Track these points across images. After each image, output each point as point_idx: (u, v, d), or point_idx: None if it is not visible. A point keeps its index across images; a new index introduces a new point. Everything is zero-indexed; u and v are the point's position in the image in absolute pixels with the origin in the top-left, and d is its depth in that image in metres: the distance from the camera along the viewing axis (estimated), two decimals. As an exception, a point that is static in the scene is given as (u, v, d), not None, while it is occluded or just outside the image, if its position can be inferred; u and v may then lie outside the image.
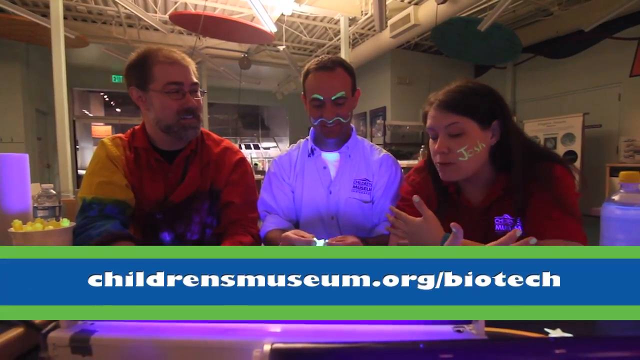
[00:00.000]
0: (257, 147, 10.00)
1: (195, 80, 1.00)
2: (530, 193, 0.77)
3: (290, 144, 1.20)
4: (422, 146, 5.15)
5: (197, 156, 1.05)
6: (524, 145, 0.81)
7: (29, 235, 0.75)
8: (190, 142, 1.05)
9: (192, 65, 1.01)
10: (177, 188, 1.02)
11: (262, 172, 5.58)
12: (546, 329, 0.56)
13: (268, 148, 10.30)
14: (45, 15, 4.00)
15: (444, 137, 0.81)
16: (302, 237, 0.81)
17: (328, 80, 1.02)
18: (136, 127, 1.08)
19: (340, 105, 1.03)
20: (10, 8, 3.81)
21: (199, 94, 1.03)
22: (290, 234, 0.82)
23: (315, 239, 0.79)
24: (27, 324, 0.50)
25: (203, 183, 1.04)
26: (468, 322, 0.47)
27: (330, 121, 1.03)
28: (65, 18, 3.94)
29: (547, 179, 0.77)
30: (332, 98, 1.01)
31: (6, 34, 4.64)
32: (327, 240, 0.80)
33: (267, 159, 8.97)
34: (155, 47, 0.99)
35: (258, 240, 1.05)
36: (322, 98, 1.02)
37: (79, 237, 0.86)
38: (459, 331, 0.47)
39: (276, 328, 0.47)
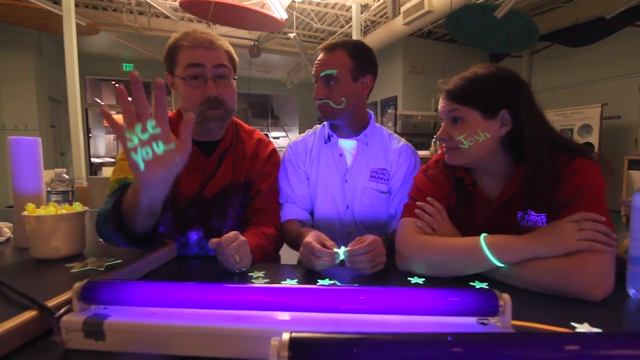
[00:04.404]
0: (266, 137, 9.96)
1: (221, 62, 0.91)
2: (551, 187, 0.73)
3: (299, 134, 1.18)
4: (435, 136, 5.07)
5: (232, 149, 1.01)
6: (542, 135, 0.76)
7: (42, 218, 0.75)
8: (227, 134, 1.00)
9: (224, 48, 0.93)
10: (210, 182, 0.97)
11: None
12: (573, 323, 0.54)
13: (277, 137, 10.27)
14: (57, 2, 4.00)
15: (446, 124, 0.82)
16: (325, 247, 0.75)
17: (323, 58, 1.02)
18: (170, 116, 0.95)
19: (330, 85, 1.00)
20: (23, -5, 3.82)
21: (230, 80, 0.93)
22: (314, 242, 0.75)
23: (337, 250, 0.74)
24: (41, 306, 0.49)
25: (236, 176, 1.00)
26: (493, 314, 0.44)
27: (319, 101, 1.02)
28: (76, 5, 3.93)
29: (568, 172, 0.73)
30: (321, 75, 1.01)
31: (19, 21, 4.67)
32: (347, 250, 0.73)
33: (277, 149, 8.93)
34: (189, 30, 0.92)
35: (279, 233, 1.02)
36: (314, 74, 1.04)
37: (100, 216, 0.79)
38: (483, 323, 0.45)
39: (294, 315, 0.46)
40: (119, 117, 0.58)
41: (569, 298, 0.63)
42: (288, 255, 1.10)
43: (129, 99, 0.58)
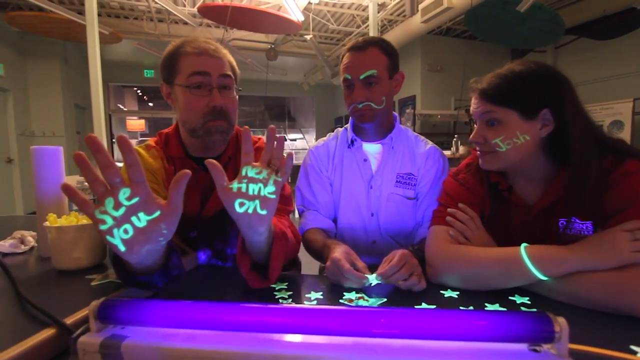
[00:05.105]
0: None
1: (226, 72, 0.86)
2: (599, 192, 0.67)
3: (316, 135, 1.13)
4: (456, 136, 4.94)
5: (231, 163, 0.93)
6: (588, 136, 0.70)
7: (63, 229, 0.74)
8: (228, 146, 0.93)
9: (227, 58, 0.88)
10: (210, 200, 0.89)
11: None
12: (633, 347, 0.48)
13: (295, 140, 10.30)
14: (81, 12, 4.12)
15: (480, 126, 0.76)
16: (355, 266, 0.69)
17: (357, 59, 0.95)
18: (168, 131, 0.95)
19: (371, 86, 0.95)
20: (47, 6, 3.95)
21: (233, 91, 0.88)
22: (344, 260, 0.69)
23: (367, 276, 0.68)
24: (59, 324, 0.48)
25: None
26: (547, 341, 0.40)
27: (360, 105, 0.95)
28: (99, 15, 4.04)
29: (618, 176, 0.66)
30: (361, 77, 0.94)
31: (44, 31, 4.83)
32: (379, 274, 0.67)
33: (293, 151, 8.96)
34: (190, 38, 0.87)
35: (297, 241, 0.96)
36: (350, 78, 0.96)
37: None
38: (535, 350, 0.40)
39: (323, 339, 0.42)
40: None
41: (622, 316, 0.57)
42: (308, 258, 1.06)
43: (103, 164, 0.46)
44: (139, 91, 9.65)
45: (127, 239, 0.47)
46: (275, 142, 0.59)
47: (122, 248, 0.47)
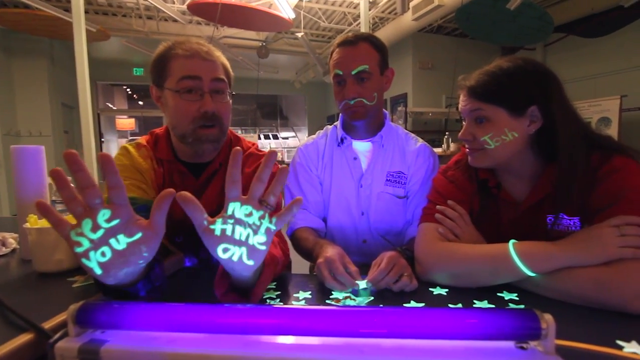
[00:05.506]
0: (275, 137, 9.99)
1: (219, 76, 0.82)
2: (586, 188, 0.67)
3: (308, 134, 1.12)
4: (447, 133, 4.97)
5: (221, 170, 0.89)
6: (576, 132, 0.70)
7: (44, 230, 0.72)
8: (220, 152, 0.89)
9: (221, 60, 0.85)
10: None
11: (281, 163, 5.53)
12: (619, 342, 0.48)
13: (287, 138, 10.27)
14: (67, 9, 4.03)
15: (469, 124, 0.76)
16: (345, 271, 0.67)
17: (348, 54, 0.94)
18: (158, 131, 0.92)
19: (363, 82, 0.93)
20: (33, 3, 3.86)
21: (226, 96, 0.84)
22: (338, 262, 0.68)
23: (358, 282, 0.66)
24: (37, 329, 0.46)
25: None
26: (534, 338, 0.39)
27: (352, 101, 0.94)
28: (86, 12, 3.96)
29: (605, 172, 0.66)
30: (353, 72, 0.93)
31: (30, 29, 4.73)
32: (369, 280, 0.66)
33: (286, 149, 8.96)
34: (182, 39, 0.84)
35: (286, 257, 0.90)
36: (341, 73, 0.94)
37: None
38: (522, 348, 0.40)
39: (310, 340, 0.41)
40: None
41: (609, 311, 0.57)
42: (297, 257, 1.04)
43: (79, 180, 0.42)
44: (128, 89, 9.54)
45: (104, 262, 0.44)
46: (269, 170, 0.49)
47: (98, 271, 0.44)
